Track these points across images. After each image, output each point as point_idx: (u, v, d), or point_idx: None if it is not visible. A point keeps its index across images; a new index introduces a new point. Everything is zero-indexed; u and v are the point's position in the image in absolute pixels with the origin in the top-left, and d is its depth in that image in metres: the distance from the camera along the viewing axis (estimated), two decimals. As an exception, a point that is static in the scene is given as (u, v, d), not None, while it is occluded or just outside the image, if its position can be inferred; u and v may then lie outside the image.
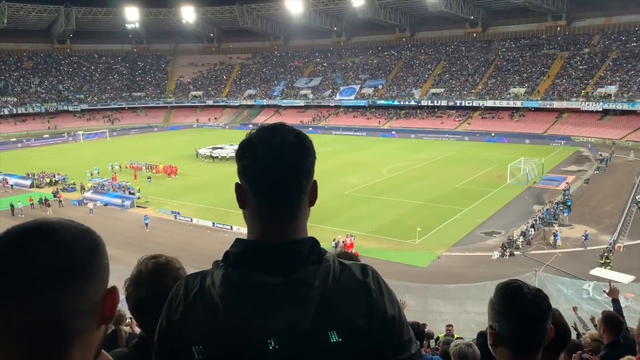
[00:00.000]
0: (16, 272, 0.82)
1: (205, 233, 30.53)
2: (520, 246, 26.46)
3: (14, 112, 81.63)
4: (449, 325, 11.03)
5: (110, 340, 4.75)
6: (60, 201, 36.64)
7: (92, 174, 45.27)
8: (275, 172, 1.21)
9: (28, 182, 43.07)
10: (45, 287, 0.83)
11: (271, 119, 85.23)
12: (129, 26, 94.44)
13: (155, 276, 1.80)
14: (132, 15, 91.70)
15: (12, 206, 34.21)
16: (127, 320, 5.67)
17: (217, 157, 52.48)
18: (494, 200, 34.70)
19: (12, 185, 42.60)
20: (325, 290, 1.16)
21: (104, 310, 0.92)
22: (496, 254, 25.27)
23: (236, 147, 1.20)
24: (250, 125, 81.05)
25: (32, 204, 35.91)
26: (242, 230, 28.89)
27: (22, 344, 0.83)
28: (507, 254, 25.40)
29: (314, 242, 1.23)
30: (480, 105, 73.17)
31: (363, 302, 1.18)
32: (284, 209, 1.24)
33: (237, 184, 1.27)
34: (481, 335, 4.74)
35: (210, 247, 26.89)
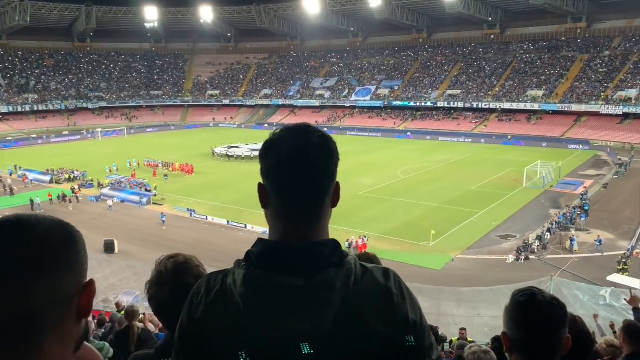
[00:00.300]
0: None
1: (220, 231, 30.72)
2: (536, 250, 26.15)
3: (35, 109, 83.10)
4: (463, 329, 10.94)
5: (123, 336, 4.81)
6: (77, 197, 37.16)
7: (111, 171, 45.93)
8: (299, 174, 1.21)
9: (47, 178, 43.80)
10: (17, 277, 0.84)
11: (286, 119, 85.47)
12: (148, 25, 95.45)
13: (177, 276, 1.81)
14: (151, 15, 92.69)
15: (31, 201, 34.86)
16: (140, 317, 5.73)
17: (232, 156, 52.83)
18: (510, 204, 34.35)
19: (31, 181, 43.39)
20: (347, 293, 1.15)
21: (80, 303, 0.92)
22: (511, 258, 25.02)
23: (252, 146, 1.21)
24: (266, 125, 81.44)
25: (51, 199, 36.48)
26: (256, 229, 29.05)
27: None
28: (523, 257, 25.12)
29: (336, 244, 1.23)
30: (497, 107, 72.48)
31: (384, 306, 1.17)
32: (306, 210, 1.23)
33: (260, 184, 1.27)
34: (496, 340, 4.71)
35: (225, 245, 27.06)
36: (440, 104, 77.03)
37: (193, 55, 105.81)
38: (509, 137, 63.92)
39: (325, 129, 1.35)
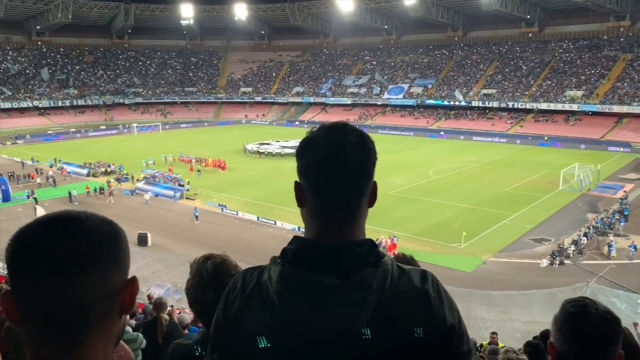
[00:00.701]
0: (42, 256, 0.86)
1: (250, 227, 31.02)
2: (571, 255, 25.44)
3: (75, 103, 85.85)
4: (494, 333, 10.73)
5: (151, 327, 4.90)
6: (111, 191, 38.08)
7: (147, 164, 46.99)
8: (336, 173, 1.20)
9: (85, 171, 45.13)
10: (66, 273, 0.86)
11: (317, 117, 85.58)
12: (183, 22, 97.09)
13: (218, 278, 1.82)
14: (187, 12, 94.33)
15: (69, 193, 36.02)
16: (168, 309, 5.83)
17: (263, 153, 53.25)
18: (545, 207, 33.49)
19: (69, 173, 44.86)
20: (383, 294, 1.13)
21: (123, 300, 0.94)
22: (545, 262, 24.41)
23: (283, 143, 1.20)
24: (297, 123, 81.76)
25: (88, 191, 37.62)
26: (285, 225, 29.23)
27: (46, 325, 0.87)
28: (557, 262, 24.47)
29: (372, 244, 1.21)
30: (534, 107, 70.74)
31: (421, 308, 1.15)
32: (343, 209, 1.22)
33: (296, 182, 1.26)
34: (529, 346, 4.57)
35: (254, 241, 27.33)
36: (474, 104, 75.73)
37: (227, 53, 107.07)
38: (546, 138, 62.33)
39: (357, 127, 1.32)
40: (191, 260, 1.94)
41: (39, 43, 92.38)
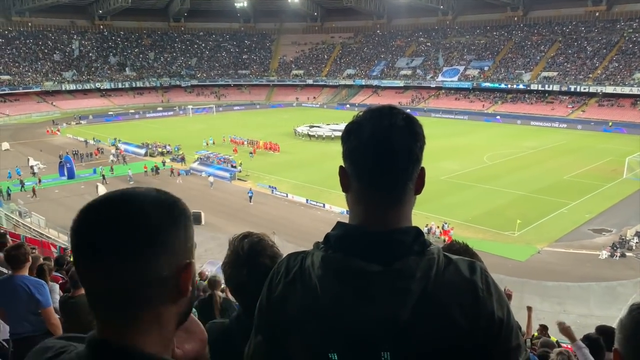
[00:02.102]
0: (94, 239, 0.87)
1: (299, 209, 31.37)
2: (634, 247, 24.18)
3: (133, 85, 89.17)
4: (545, 326, 10.36)
5: (206, 304, 5.07)
6: (178, 171, 39.60)
7: (207, 144, 49.01)
8: (381, 157, 1.17)
9: (142, 151, 46.91)
10: (119, 255, 0.86)
11: (369, 100, 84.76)
12: (237, 5, 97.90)
13: (253, 257, 1.84)
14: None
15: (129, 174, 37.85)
16: (222, 286, 6.00)
17: (313, 136, 53.44)
18: (607, 196, 31.90)
19: (127, 152, 46.82)
20: (427, 284, 1.10)
21: (180, 284, 0.92)
22: (605, 254, 23.34)
23: (333, 126, 1.19)
24: (348, 106, 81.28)
25: (146, 171, 39.23)
26: (334, 208, 29.34)
27: (100, 303, 0.90)
28: (618, 254, 23.35)
29: (418, 232, 1.17)
30: (598, 91, 67.05)
31: (468, 300, 1.11)
32: (388, 195, 1.19)
33: (341, 167, 1.24)
34: (588, 339, 4.42)
35: (303, 223, 27.65)
36: (533, 87, 72.65)
37: (279, 35, 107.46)
38: (610, 123, 59.08)
39: (408, 110, 1.29)
40: (230, 237, 1.97)
41: (101, 27, 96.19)
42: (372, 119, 1.21)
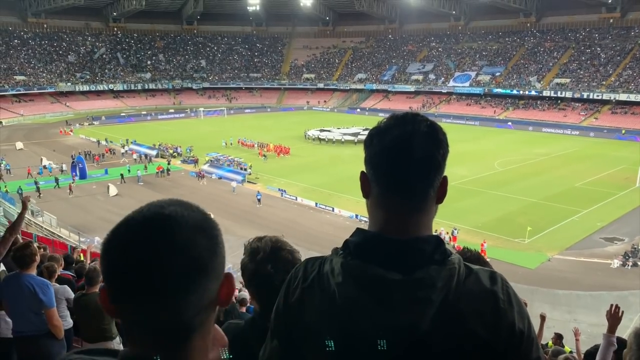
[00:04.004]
0: (135, 280, 0.83)
1: (308, 212, 31.36)
2: (647, 257, 23.88)
3: (146, 87, 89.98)
4: (559, 335, 10.23)
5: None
6: (162, 171, 40.28)
7: (227, 144, 50.50)
8: (403, 163, 1.15)
9: (154, 152, 47.20)
10: (170, 290, 0.83)
11: (379, 104, 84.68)
12: (250, 8, 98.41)
13: (275, 251, 1.88)
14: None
15: (138, 174, 38.20)
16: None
17: (324, 140, 53.48)
18: (619, 204, 31.54)
19: (141, 155, 47.13)
20: (448, 293, 1.08)
21: (220, 297, 0.92)
22: (616, 263, 23.06)
23: (343, 130, 1.18)
24: (358, 110, 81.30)
25: (158, 172, 39.69)
26: (343, 212, 29.31)
27: (145, 336, 0.87)
28: (630, 263, 23.05)
29: (439, 241, 1.16)
30: (612, 98, 66.43)
31: (488, 311, 1.09)
32: (409, 202, 1.17)
33: (362, 172, 1.23)
34: (590, 355, 4.38)
35: (312, 227, 27.64)
36: (545, 93, 72.15)
37: (291, 39, 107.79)
38: (623, 131, 58.45)
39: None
40: (246, 242, 1.99)
41: (115, 29, 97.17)
42: (396, 125, 1.20)
